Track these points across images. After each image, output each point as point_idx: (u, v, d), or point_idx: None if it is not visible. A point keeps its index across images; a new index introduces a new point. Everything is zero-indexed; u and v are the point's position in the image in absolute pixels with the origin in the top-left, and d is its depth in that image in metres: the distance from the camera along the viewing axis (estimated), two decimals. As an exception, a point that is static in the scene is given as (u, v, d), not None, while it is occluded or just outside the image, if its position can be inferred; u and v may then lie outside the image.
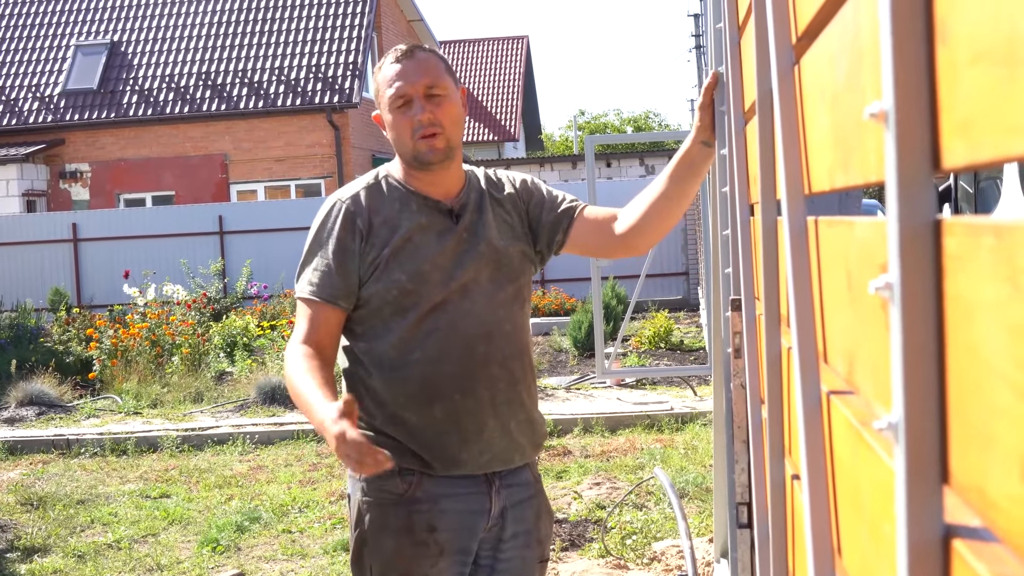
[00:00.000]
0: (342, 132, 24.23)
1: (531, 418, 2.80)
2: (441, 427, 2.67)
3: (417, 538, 2.68)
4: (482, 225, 2.76)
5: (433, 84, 2.65)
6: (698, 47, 35.80)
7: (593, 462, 8.06)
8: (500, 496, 2.75)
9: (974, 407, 0.76)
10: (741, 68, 2.42)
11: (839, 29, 1.23)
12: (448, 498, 2.69)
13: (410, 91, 2.63)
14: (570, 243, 2.88)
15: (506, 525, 2.76)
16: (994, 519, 0.73)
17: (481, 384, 2.68)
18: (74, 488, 8.05)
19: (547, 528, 2.89)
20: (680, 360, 12.86)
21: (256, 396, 10.78)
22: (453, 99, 2.69)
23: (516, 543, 2.78)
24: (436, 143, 2.65)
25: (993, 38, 0.70)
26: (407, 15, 30.23)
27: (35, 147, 24.21)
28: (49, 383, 11.47)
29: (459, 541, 2.70)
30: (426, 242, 2.69)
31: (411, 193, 2.74)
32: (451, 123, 2.68)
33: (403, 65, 2.65)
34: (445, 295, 2.67)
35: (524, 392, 2.78)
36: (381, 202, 2.73)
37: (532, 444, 2.82)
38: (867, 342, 1.13)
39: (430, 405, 2.67)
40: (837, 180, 1.30)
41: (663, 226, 2.84)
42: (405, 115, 2.65)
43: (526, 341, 2.82)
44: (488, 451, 2.71)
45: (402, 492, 2.69)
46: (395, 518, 2.69)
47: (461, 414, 2.68)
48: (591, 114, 62.33)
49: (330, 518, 6.93)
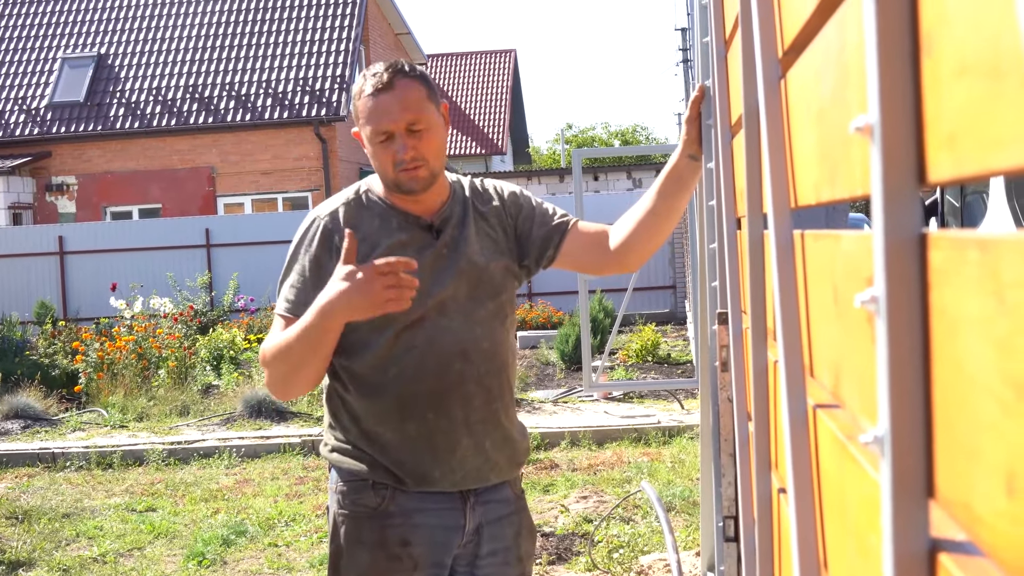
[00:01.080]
0: (329, 145, 24.23)
1: (509, 436, 2.77)
2: (414, 444, 2.66)
3: (391, 552, 2.67)
4: (463, 240, 2.72)
5: (414, 120, 2.57)
6: (685, 61, 35.88)
7: (580, 475, 8.06)
8: (476, 513, 2.73)
9: (960, 421, 0.76)
10: (728, 82, 2.43)
11: (825, 43, 1.24)
12: (421, 513, 2.68)
13: (391, 128, 2.56)
14: (561, 258, 2.85)
15: (482, 542, 2.74)
16: (979, 533, 0.73)
17: (456, 402, 2.66)
18: (59, 502, 8.01)
19: (528, 546, 2.87)
20: (667, 373, 12.86)
21: (243, 409, 10.75)
22: (435, 128, 2.62)
23: (494, 560, 2.76)
24: (419, 174, 2.61)
25: (978, 51, 0.70)
26: (394, 28, 30.26)
27: (21, 160, 24.16)
28: (35, 396, 11.42)
29: (433, 555, 2.68)
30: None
31: (391, 209, 2.71)
32: (434, 155, 2.62)
33: (383, 99, 2.56)
34: (422, 312, 2.64)
35: (501, 411, 2.75)
36: (360, 218, 2.70)
37: (510, 462, 2.78)
38: (853, 355, 1.13)
39: (404, 422, 2.65)
40: (823, 194, 1.31)
41: (654, 242, 2.83)
42: (387, 149, 2.59)
43: (506, 359, 2.77)
44: (461, 469, 2.68)
45: (375, 506, 2.68)
46: (369, 532, 2.69)
47: (434, 432, 2.66)
48: (579, 127, 62.41)
49: (316, 531, 6.90)
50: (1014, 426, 0.66)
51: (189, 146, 24.93)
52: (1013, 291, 0.65)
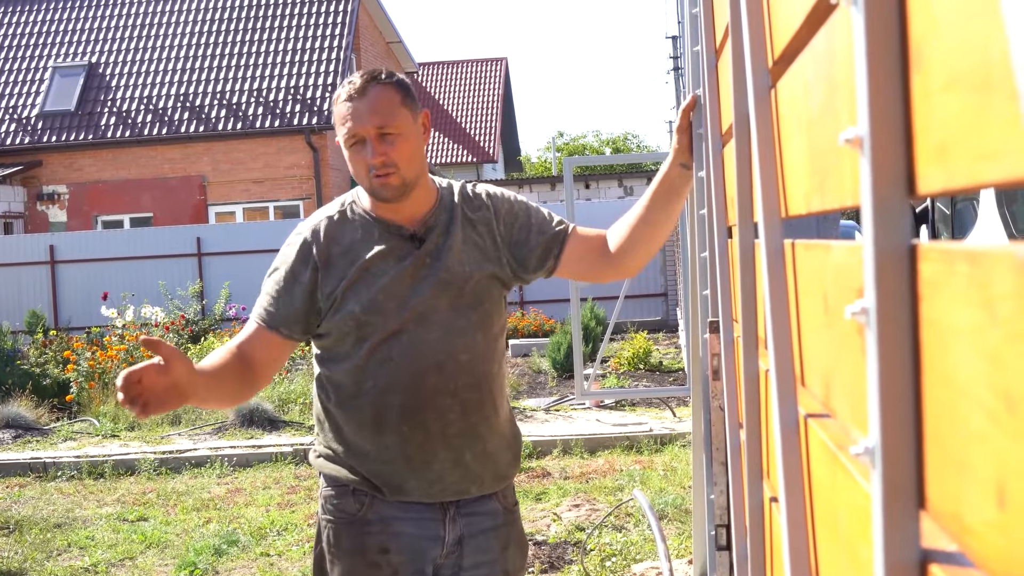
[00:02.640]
0: (321, 154, 24.23)
1: (490, 450, 2.74)
2: (390, 456, 2.66)
3: (369, 559, 2.68)
4: (446, 249, 2.71)
5: (384, 124, 2.59)
6: (676, 69, 35.86)
7: (572, 484, 8.05)
8: (456, 524, 2.72)
9: (950, 433, 0.76)
10: (718, 91, 2.43)
11: (814, 54, 1.24)
12: (400, 521, 2.68)
13: (361, 132, 2.60)
14: (560, 268, 2.85)
15: (465, 553, 2.73)
16: (970, 544, 0.73)
17: (430, 415, 2.65)
18: (51, 511, 7.99)
19: (517, 559, 2.84)
20: (659, 381, 12.86)
21: (234, 418, 10.74)
22: (408, 135, 2.64)
23: (478, 573, 2.75)
24: (390, 181, 2.62)
25: (967, 64, 0.71)
26: (386, 37, 30.27)
27: (12, 169, 24.10)
28: (26, 406, 11.39)
29: (413, 564, 2.68)
30: (383, 270, 2.66)
31: (374, 220, 2.72)
32: (406, 161, 2.63)
33: (355, 105, 2.60)
34: (400, 324, 2.64)
35: (482, 423, 2.72)
36: (343, 232, 2.72)
37: (494, 476, 2.76)
38: (843, 366, 1.13)
39: (380, 435, 2.66)
40: (813, 204, 1.31)
41: (650, 249, 2.84)
42: (359, 154, 2.62)
43: (487, 370, 2.74)
44: (439, 482, 2.68)
45: (355, 512, 2.69)
46: (348, 538, 2.70)
47: (409, 445, 2.65)
48: (570, 135, 62.49)
49: (308, 541, 6.89)
50: (1004, 437, 0.66)
51: (180, 155, 24.90)
52: (1003, 303, 0.65)
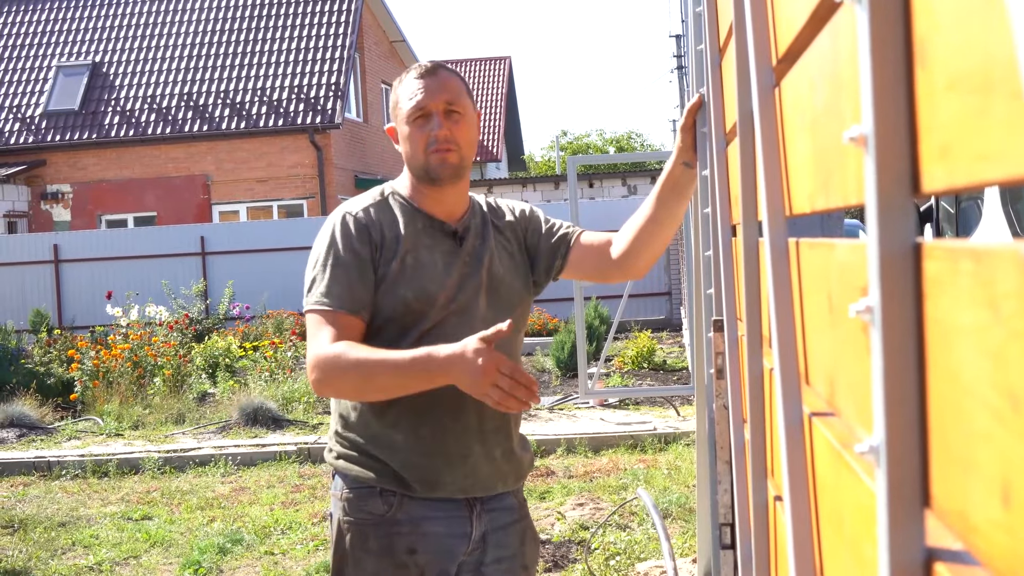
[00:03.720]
0: (324, 153, 24.23)
1: (514, 449, 2.81)
2: (428, 448, 2.67)
3: (397, 560, 2.68)
4: (485, 252, 2.78)
5: (453, 102, 2.67)
6: (680, 67, 35.79)
7: (576, 483, 8.05)
8: (481, 520, 2.75)
9: (955, 431, 0.76)
10: (722, 89, 2.43)
11: (819, 53, 1.24)
12: (429, 521, 2.69)
13: (430, 105, 2.66)
14: (568, 268, 2.91)
15: (487, 549, 2.76)
16: (975, 543, 0.73)
17: (471, 409, 2.68)
18: (55, 510, 8.00)
19: (533, 553, 2.90)
20: (663, 380, 12.86)
21: (238, 417, 10.74)
22: (470, 120, 2.73)
23: (500, 568, 2.78)
24: (449, 158, 2.67)
25: (970, 63, 0.70)
26: (389, 36, 30.27)
27: (16, 168, 24.14)
28: (30, 405, 11.41)
29: (439, 564, 2.70)
30: (431, 261, 2.70)
31: (416, 211, 2.75)
32: (466, 143, 2.71)
33: (425, 81, 2.68)
34: (445, 316, 2.68)
35: (512, 421, 2.79)
36: (389, 217, 2.73)
37: (515, 474, 2.83)
38: (848, 364, 1.13)
39: (419, 426, 2.67)
40: (818, 203, 1.31)
41: (656, 248, 2.88)
42: (422, 129, 2.66)
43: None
44: (471, 476, 2.71)
45: (383, 513, 2.69)
46: (375, 539, 2.70)
47: (448, 437, 2.68)
48: (573, 134, 62.51)
49: (312, 539, 6.90)
50: (1009, 436, 0.66)
51: (184, 154, 24.93)
52: (1007, 301, 0.65)
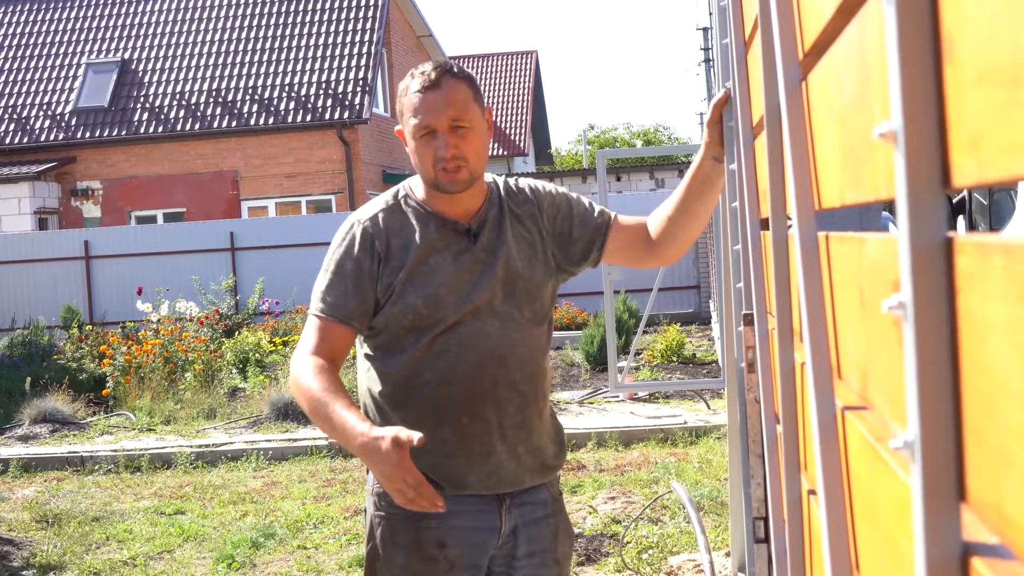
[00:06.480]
0: (352, 148, 24.28)
1: (539, 442, 2.77)
2: (449, 449, 2.67)
3: (427, 554, 2.69)
4: (500, 244, 2.74)
5: (459, 117, 2.60)
6: (707, 60, 35.70)
7: (607, 476, 8.05)
8: (511, 515, 2.75)
9: (989, 425, 0.76)
10: (748, 83, 2.42)
11: (846, 46, 1.23)
12: (457, 515, 2.69)
13: (434, 124, 2.60)
14: (605, 257, 2.89)
15: (519, 543, 2.76)
16: (1012, 537, 0.73)
17: (489, 407, 2.67)
18: (89, 505, 8.06)
19: (566, 547, 2.88)
20: (693, 374, 12.83)
21: (269, 412, 10.79)
22: (478, 130, 2.65)
23: (532, 562, 2.78)
24: (458, 176, 2.63)
25: (998, 56, 0.70)
26: (416, 31, 30.28)
27: (46, 165, 24.30)
28: (63, 400, 11.49)
29: (469, 557, 2.70)
30: (442, 264, 2.68)
31: (430, 214, 2.72)
32: (475, 155, 2.65)
33: (428, 96, 2.60)
34: (459, 316, 2.66)
35: (535, 416, 2.76)
36: (400, 224, 2.72)
37: (543, 466, 2.80)
38: (881, 359, 1.13)
39: (438, 427, 2.66)
40: (847, 196, 1.30)
41: (690, 236, 2.87)
42: (428, 145, 2.62)
43: (541, 364, 2.78)
44: (496, 474, 2.71)
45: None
46: (404, 533, 2.71)
47: (468, 437, 2.67)
48: (600, 128, 62.24)
49: (345, 534, 6.92)
50: (1043, 431, 0.66)
51: (213, 150, 25.03)
52: (1040, 297, 0.65)
